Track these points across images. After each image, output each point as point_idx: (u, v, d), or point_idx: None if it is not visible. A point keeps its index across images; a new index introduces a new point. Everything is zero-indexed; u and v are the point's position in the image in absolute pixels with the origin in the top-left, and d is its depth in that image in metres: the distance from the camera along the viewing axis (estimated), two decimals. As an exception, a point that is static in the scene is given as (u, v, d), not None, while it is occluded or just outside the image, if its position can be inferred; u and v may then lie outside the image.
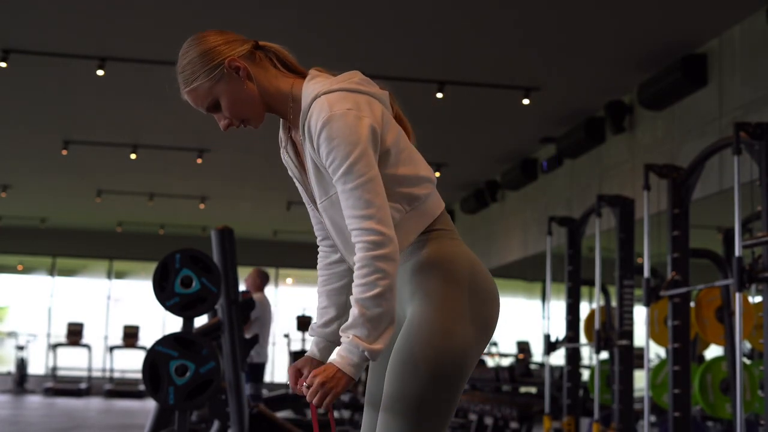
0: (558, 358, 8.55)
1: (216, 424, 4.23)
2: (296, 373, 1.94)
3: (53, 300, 16.34)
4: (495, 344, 13.67)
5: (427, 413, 1.77)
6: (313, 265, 2.14)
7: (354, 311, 1.72)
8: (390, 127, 1.88)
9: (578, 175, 8.68)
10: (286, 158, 2.00)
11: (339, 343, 1.79)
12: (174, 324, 13.40)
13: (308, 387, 1.77)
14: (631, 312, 6.06)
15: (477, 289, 1.84)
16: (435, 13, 6.14)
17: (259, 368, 7.38)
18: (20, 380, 14.97)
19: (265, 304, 7.50)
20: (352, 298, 1.73)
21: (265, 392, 10.75)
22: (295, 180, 1.99)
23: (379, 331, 1.71)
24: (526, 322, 14.05)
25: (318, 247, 2.04)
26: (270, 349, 15.93)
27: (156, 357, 3.51)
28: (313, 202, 1.94)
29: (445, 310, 1.79)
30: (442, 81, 7.29)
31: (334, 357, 1.76)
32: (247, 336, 7.55)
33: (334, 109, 1.76)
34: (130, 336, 15.22)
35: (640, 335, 6.60)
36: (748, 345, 5.84)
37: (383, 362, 1.92)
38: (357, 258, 1.73)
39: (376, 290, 1.70)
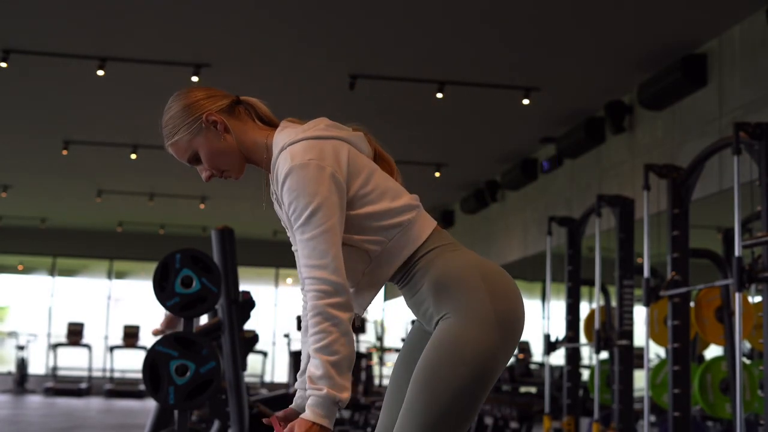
0: (558, 358, 8.55)
1: (216, 424, 4.23)
2: (278, 423, 1.97)
3: (53, 300, 16.35)
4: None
5: (453, 422, 1.81)
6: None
7: (314, 362, 1.76)
8: (359, 170, 1.91)
9: (578, 175, 8.68)
10: (277, 208, 2.04)
11: None
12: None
13: None
14: (631, 312, 6.06)
15: (495, 290, 1.86)
16: (435, 13, 6.14)
17: None
18: (20, 380, 14.98)
19: None
20: (310, 350, 1.77)
21: (264, 392, 10.75)
22: (284, 223, 2.02)
23: (342, 377, 1.76)
24: (527, 322, 14.03)
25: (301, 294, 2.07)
26: (270, 348, 15.99)
27: (156, 357, 3.51)
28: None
29: (471, 321, 1.82)
30: (442, 81, 7.29)
31: (306, 412, 1.79)
32: (169, 332, 7.71)
33: (296, 161, 1.82)
34: (130, 336, 15.23)
35: (640, 335, 6.60)
36: (747, 345, 5.84)
37: (408, 365, 1.99)
38: (309, 306, 1.78)
39: (331, 337, 1.75)
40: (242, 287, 4.24)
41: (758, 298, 5.72)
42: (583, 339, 7.15)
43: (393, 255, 1.90)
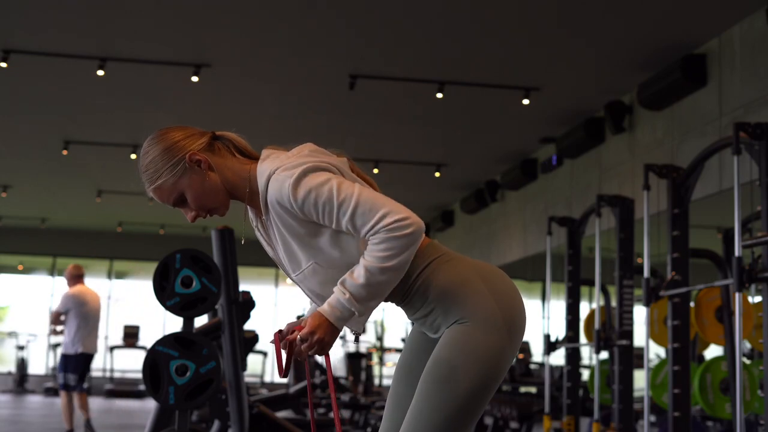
0: (558, 358, 8.54)
1: (216, 424, 4.22)
2: (279, 334, 1.99)
3: (53, 300, 16.34)
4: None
5: (463, 419, 1.85)
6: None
7: (360, 271, 1.79)
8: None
9: (578, 175, 8.68)
10: (259, 236, 2.05)
11: None
12: (174, 324, 13.40)
13: (302, 340, 1.83)
14: (630, 312, 6.06)
15: (497, 291, 1.91)
16: (435, 13, 6.14)
17: (75, 359, 7.54)
18: (20, 380, 14.97)
19: (81, 296, 7.69)
20: (362, 260, 1.80)
21: (264, 392, 10.74)
22: (271, 256, 2.04)
23: (373, 298, 1.80)
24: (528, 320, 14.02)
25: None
26: (270, 348, 15.97)
27: (156, 357, 3.51)
28: (284, 268, 2.00)
29: (480, 322, 1.87)
30: (442, 81, 7.29)
31: (324, 306, 1.83)
32: (59, 329, 7.78)
33: (293, 172, 1.82)
34: (130, 336, 15.22)
35: (640, 335, 6.60)
36: (747, 345, 5.83)
37: (412, 367, 2.03)
38: (378, 238, 1.79)
39: (390, 263, 1.78)
40: (242, 287, 4.24)
41: (758, 298, 5.72)
42: (583, 339, 7.15)
43: None
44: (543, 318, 9.69)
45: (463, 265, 1.93)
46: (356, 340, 13.21)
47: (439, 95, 7.41)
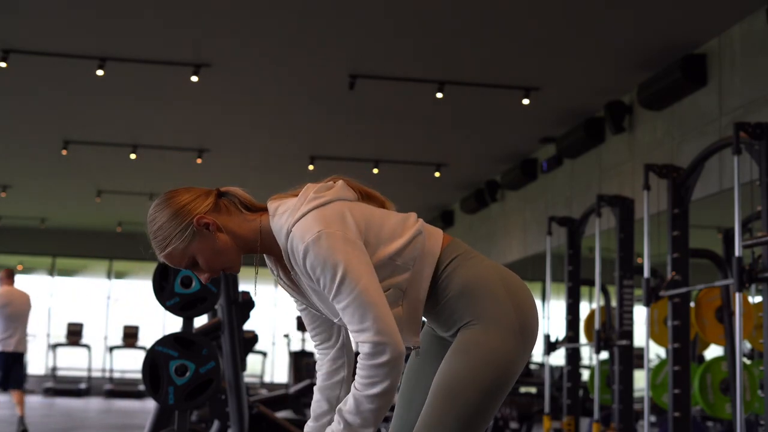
0: (558, 358, 8.54)
1: (216, 424, 4.22)
2: None
3: (53, 300, 16.34)
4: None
5: (475, 423, 1.88)
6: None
7: (350, 401, 1.83)
8: (364, 220, 1.93)
9: (578, 175, 8.68)
10: (282, 284, 2.07)
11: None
12: (174, 324, 13.40)
13: None
14: (631, 312, 6.06)
15: (517, 299, 1.93)
16: (435, 13, 6.14)
17: (6, 357, 7.70)
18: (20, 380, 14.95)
19: (5, 297, 7.84)
20: (352, 388, 1.84)
21: (264, 392, 10.74)
22: (302, 303, 2.07)
23: (369, 425, 1.83)
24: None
25: (316, 350, 2.14)
26: (270, 348, 15.98)
27: (156, 357, 3.51)
28: (319, 311, 2.04)
29: (496, 328, 1.89)
30: (442, 81, 7.29)
31: None
32: None
33: (306, 238, 1.83)
34: (130, 336, 15.22)
35: (640, 335, 6.60)
36: (748, 345, 5.83)
37: (422, 367, 2.06)
38: (359, 363, 1.83)
39: (374, 390, 1.81)
40: (242, 287, 4.24)
41: (758, 298, 5.72)
42: (583, 339, 7.15)
43: (418, 279, 1.94)
44: (543, 318, 9.69)
45: (484, 265, 1.95)
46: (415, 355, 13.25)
47: (439, 95, 7.41)
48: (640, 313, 6.18)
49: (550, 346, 6.96)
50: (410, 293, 1.94)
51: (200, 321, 4.33)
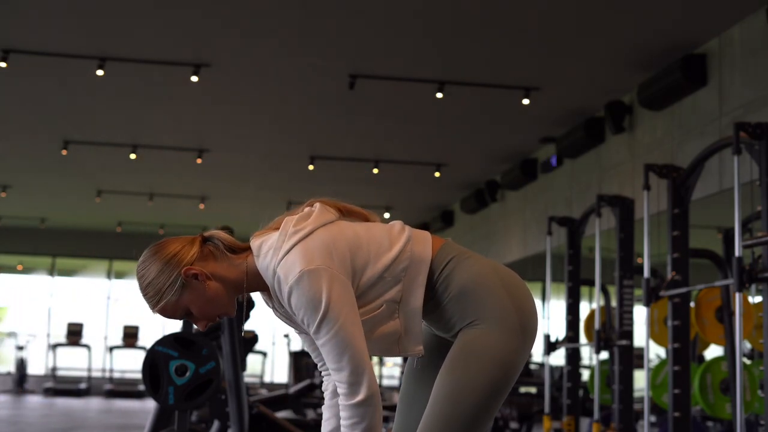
0: (558, 358, 8.54)
1: (216, 424, 4.22)
2: None
3: (53, 300, 16.34)
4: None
5: (478, 420, 1.89)
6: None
7: None
8: (348, 244, 1.94)
9: (578, 175, 8.68)
10: (278, 315, 2.08)
11: None
12: (174, 324, 13.40)
13: None
14: (631, 312, 6.06)
15: (516, 296, 1.94)
16: (435, 13, 6.14)
17: None
18: (20, 380, 14.97)
19: None
20: (342, 426, 1.88)
21: (264, 392, 10.75)
22: (293, 329, 2.10)
23: None
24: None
25: (321, 370, 2.17)
26: (270, 348, 15.98)
27: (156, 357, 3.51)
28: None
29: (497, 326, 1.90)
30: (442, 81, 7.29)
31: None
32: None
33: (290, 280, 1.85)
34: (130, 336, 15.22)
35: (640, 335, 6.60)
36: (748, 345, 5.83)
37: (423, 367, 2.07)
38: (339, 404, 1.87)
39: (357, 430, 1.84)
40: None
41: (758, 298, 5.72)
42: (583, 339, 7.15)
43: (411, 287, 1.94)
44: (543, 318, 9.69)
45: (481, 265, 1.95)
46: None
47: (439, 95, 7.41)
48: (640, 313, 6.18)
49: (550, 346, 6.96)
50: (405, 303, 1.94)
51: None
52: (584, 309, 7.69)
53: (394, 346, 1.97)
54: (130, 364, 15.18)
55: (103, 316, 16.34)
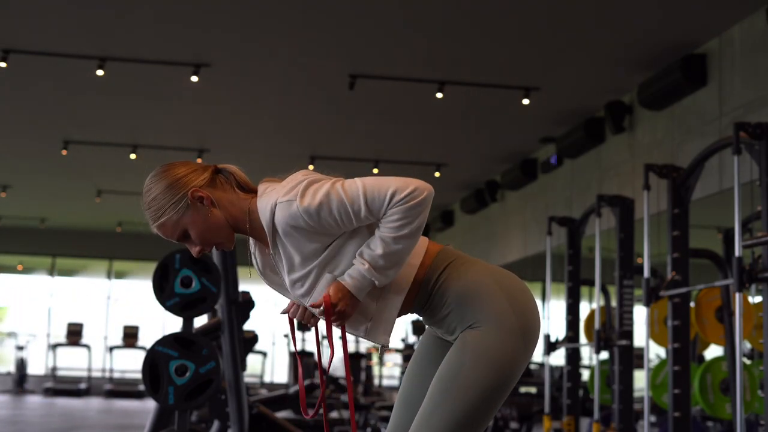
0: (558, 358, 8.54)
1: (216, 424, 4.22)
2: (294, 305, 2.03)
3: (53, 300, 16.34)
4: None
5: (474, 422, 1.88)
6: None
7: (376, 242, 1.84)
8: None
9: (578, 175, 8.68)
10: (256, 268, 2.07)
11: None
12: (174, 324, 13.41)
13: (321, 308, 1.88)
14: (631, 312, 6.06)
15: (514, 298, 1.93)
16: (435, 13, 6.14)
17: None
18: (20, 380, 14.97)
19: None
20: (377, 232, 1.85)
21: (264, 392, 10.75)
22: (272, 285, 2.07)
23: (391, 267, 1.85)
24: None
25: None
26: (270, 348, 15.98)
27: (156, 357, 3.51)
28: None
29: (496, 329, 1.89)
30: (442, 81, 7.29)
31: (344, 277, 1.88)
32: None
33: (295, 193, 1.85)
34: (130, 336, 15.21)
35: (640, 335, 6.59)
36: (748, 345, 5.83)
37: (423, 368, 2.06)
38: (391, 211, 1.83)
39: (404, 231, 1.83)
40: (242, 287, 4.24)
41: (758, 298, 5.72)
42: (583, 339, 7.15)
43: (399, 283, 1.94)
44: (543, 318, 9.69)
45: (478, 269, 1.95)
46: (382, 354, 13.26)
47: (439, 95, 7.41)
48: (640, 313, 6.17)
49: (550, 346, 6.96)
50: (387, 290, 1.94)
51: (200, 321, 4.33)
52: (584, 309, 7.69)
53: (362, 326, 1.95)
54: (130, 364, 15.17)
55: (103, 316, 16.33)
